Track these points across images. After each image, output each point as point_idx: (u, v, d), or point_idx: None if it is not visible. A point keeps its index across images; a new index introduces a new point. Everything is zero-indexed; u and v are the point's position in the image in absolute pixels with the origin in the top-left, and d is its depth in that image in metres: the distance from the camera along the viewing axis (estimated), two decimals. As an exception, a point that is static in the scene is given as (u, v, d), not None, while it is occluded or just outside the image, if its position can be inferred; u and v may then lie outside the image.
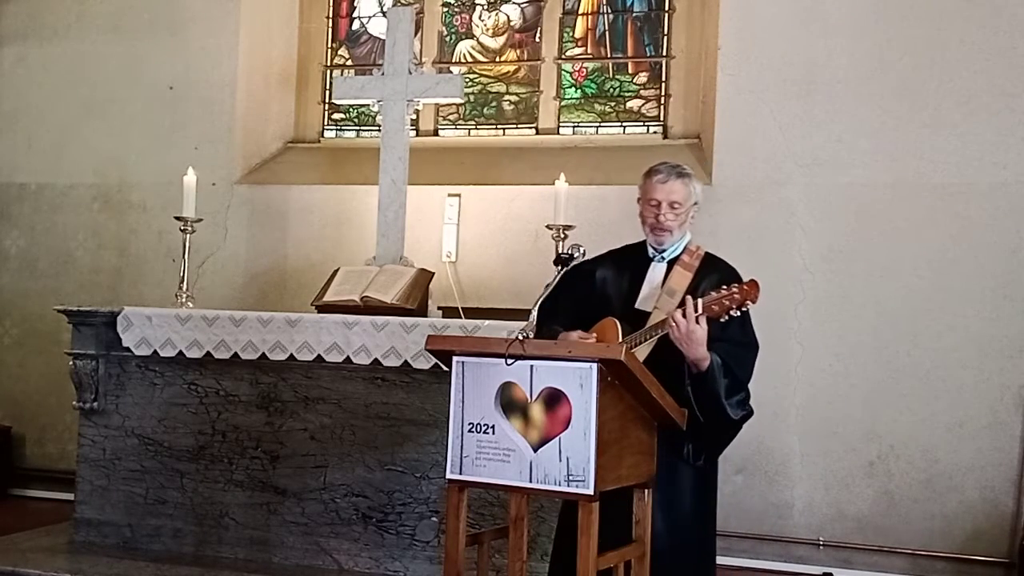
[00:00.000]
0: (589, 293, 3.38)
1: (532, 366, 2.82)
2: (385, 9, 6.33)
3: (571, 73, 6.11)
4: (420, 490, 4.43)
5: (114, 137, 6.29)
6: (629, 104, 6.00)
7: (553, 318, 3.34)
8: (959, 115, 5.01)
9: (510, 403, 2.86)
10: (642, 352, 3.13)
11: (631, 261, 3.41)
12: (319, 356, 4.53)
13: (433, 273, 5.11)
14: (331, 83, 6.22)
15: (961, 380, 4.93)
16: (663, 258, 3.34)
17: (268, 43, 6.33)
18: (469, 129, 6.24)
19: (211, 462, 4.70)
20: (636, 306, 3.30)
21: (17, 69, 6.52)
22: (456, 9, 6.33)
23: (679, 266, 3.28)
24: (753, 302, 2.97)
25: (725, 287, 3.01)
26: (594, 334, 3.20)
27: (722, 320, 3.00)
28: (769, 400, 5.08)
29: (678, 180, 3.30)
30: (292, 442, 4.60)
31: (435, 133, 6.26)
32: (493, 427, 2.87)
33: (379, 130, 5.34)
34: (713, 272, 3.25)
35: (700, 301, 3.00)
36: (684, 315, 3.00)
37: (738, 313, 2.99)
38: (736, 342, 3.17)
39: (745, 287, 2.98)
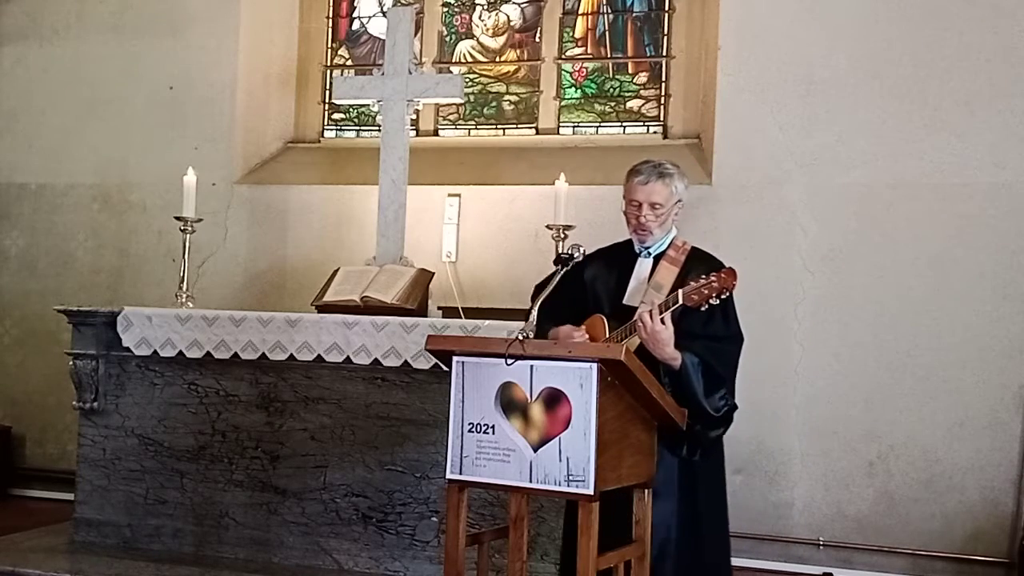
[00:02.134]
0: (580, 291, 3.41)
1: (532, 366, 2.82)
2: (385, 9, 6.32)
3: (571, 73, 6.11)
4: (420, 490, 4.43)
5: (114, 137, 6.29)
6: (629, 104, 6.00)
7: (547, 318, 3.36)
8: (959, 115, 5.01)
9: (510, 403, 2.86)
10: (631, 346, 3.12)
11: (619, 258, 3.43)
12: (319, 356, 4.53)
13: (433, 273, 5.11)
14: (331, 83, 6.22)
15: (961, 380, 4.93)
16: (649, 253, 3.37)
17: (268, 43, 6.33)
18: (469, 129, 6.24)
19: (211, 462, 4.70)
20: (624, 302, 3.32)
21: (17, 69, 6.52)
22: (456, 9, 6.33)
23: (665, 261, 3.31)
24: (730, 290, 2.98)
25: (704, 276, 3.02)
26: (583, 328, 3.22)
27: (702, 308, 3.00)
28: (769, 400, 5.09)
29: (659, 181, 3.30)
30: (292, 442, 4.61)
31: (435, 133, 6.26)
32: (493, 427, 2.88)
33: (379, 130, 5.34)
34: (699, 266, 3.26)
35: (680, 292, 3.01)
36: (650, 315, 3.01)
37: (717, 301, 2.99)
38: (718, 337, 3.18)
39: (723, 275, 2.98)
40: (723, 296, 2.99)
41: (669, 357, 3.07)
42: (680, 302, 3.00)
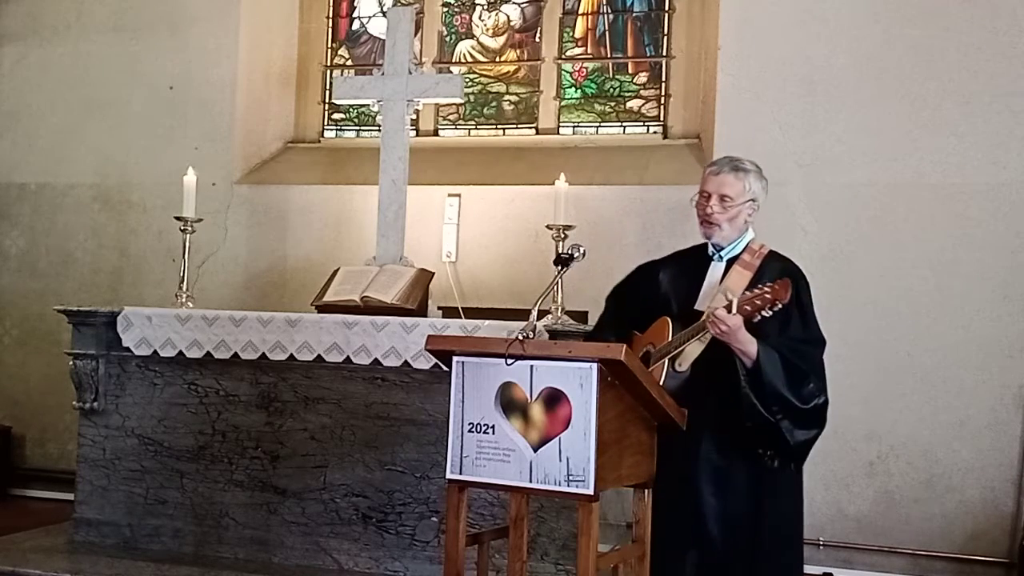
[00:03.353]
0: (654, 294, 3.36)
1: (532, 366, 2.82)
2: (385, 9, 6.32)
3: (571, 73, 6.11)
4: (420, 490, 4.43)
5: (114, 137, 6.29)
6: (629, 104, 6.00)
7: (617, 319, 3.35)
8: (959, 115, 5.01)
9: (510, 403, 2.86)
10: (695, 350, 3.10)
11: (693, 261, 3.36)
12: (319, 356, 4.53)
13: (433, 273, 5.11)
14: (331, 83, 6.22)
15: (961, 380, 4.93)
16: (721, 257, 3.29)
17: (268, 43, 6.33)
18: (469, 129, 6.24)
19: (211, 462, 4.70)
20: (696, 306, 3.24)
21: (17, 69, 6.52)
22: (456, 9, 6.33)
23: (738, 265, 3.23)
24: (783, 302, 2.90)
25: (759, 287, 2.95)
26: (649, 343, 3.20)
27: (755, 320, 2.94)
28: (769, 400, 5.08)
29: (731, 173, 3.25)
30: (292, 442, 4.61)
31: (435, 133, 6.26)
32: (493, 427, 2.87)
33: (379, 130, 5.34)
34: (772, 274, 3.17)
35: (735, 301, 2.95)
36: (727, 310, 2.95)
37: (770, 313, 2.92)
38: (798, 339, 3.09)
39: (776, 286, 2.92)
40: (775, 308, 2.90)
41: (745, 343, 2.98)
42: (734, 312, 2.94)
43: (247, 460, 4.65)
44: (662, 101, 5.91)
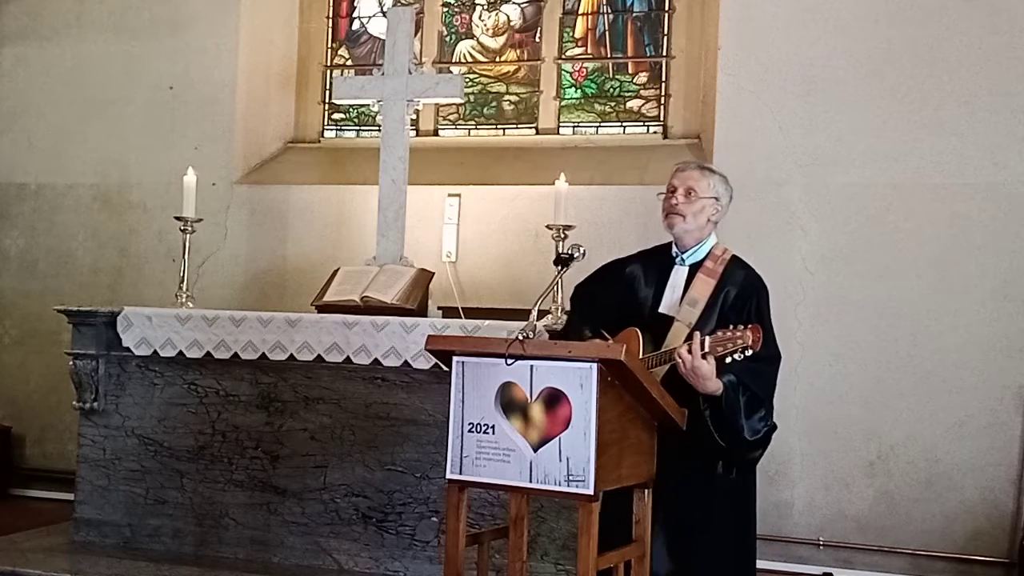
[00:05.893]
0: (622, 293, 3.38)
1: (532, 366, 2.82)
2: (385, 9, 6.32)
3: (571, 73, 6.11)
4: (420, 490, 4.43)
5: (114, 137, 6.29)
6: (629, 104, 6.00)
7: (586, 316, 3.35)
8: (959, 115, 5.01)
9: (510, 403, 2.86)
10: (660, 372, 3.11)
11: (658, 262, 3.39)
12: (319, 356, 4.53)
13: (433, 273, 5.11)
14: (331, 83, 6.22)
15: (961, 380, 4.93)
16: (684, 261, 3.32)
17: (268, 43, 6.33)
18: (469, 129, 6.24)
19: (211, 462, 4.70)
20: (660, 310, 3.28)
21: (17, 69, 6.52)
22: (456, 9, 6.33)
23: (702, 273, 3.25)
24: (755, 349, 2.92)
25: (730, 329, 2.96)
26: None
27: (727, 361, 2.95)
28: (769, 400, 5.08)
29: (697, 171, 3.34)
30: (292, 442, 4.61)
31: (435, 133, 6.26)
32: (493, 427, 2.87)
33: (379, 130, 5.34)
34: (735, 282, 3.21)
35: (707, 339, 2.96)
36: (690, 351, 2.96)
37: (741, 357, 2.93)
38: (757, 358, 3.07)
39: (748, 332, 2.92)
40: (746, 353, 2.92)
41: (711, 391, 3.02)
42: (705, 351, 2.94)
43: (247, 460, 4.66)
44: (662, 101, 5.91)
